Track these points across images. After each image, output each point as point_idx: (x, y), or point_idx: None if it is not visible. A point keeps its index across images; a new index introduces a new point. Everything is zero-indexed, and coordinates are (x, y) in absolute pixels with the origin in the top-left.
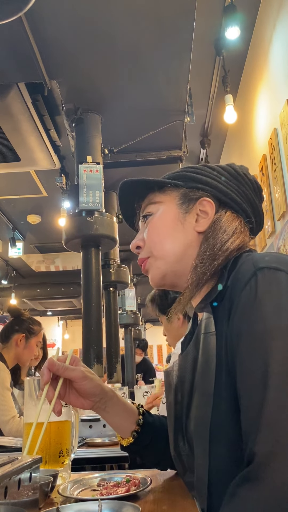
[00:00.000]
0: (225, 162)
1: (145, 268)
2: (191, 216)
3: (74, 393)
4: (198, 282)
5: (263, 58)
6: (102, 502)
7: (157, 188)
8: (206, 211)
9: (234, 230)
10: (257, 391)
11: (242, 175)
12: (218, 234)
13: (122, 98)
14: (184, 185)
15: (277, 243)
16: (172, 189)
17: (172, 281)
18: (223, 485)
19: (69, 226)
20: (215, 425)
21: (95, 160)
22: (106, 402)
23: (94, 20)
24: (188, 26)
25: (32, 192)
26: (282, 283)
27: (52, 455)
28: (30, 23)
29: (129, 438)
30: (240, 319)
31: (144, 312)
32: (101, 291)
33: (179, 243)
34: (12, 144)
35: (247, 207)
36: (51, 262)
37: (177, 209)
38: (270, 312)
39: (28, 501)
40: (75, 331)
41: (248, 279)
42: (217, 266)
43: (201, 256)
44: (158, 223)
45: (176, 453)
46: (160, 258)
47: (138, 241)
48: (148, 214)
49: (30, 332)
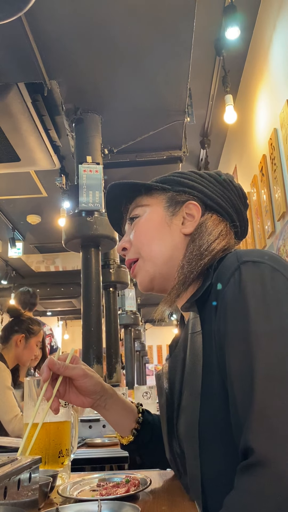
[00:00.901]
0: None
1: (134, 272)
2: (178, 218)
3: (74, 391)
4: (185, 280)
5: (263, 58)
6: (101, 503)
7: (145, 191)
8: (192, 214)
9: (220, 233)
10: (245, 385)
11: (228, 182)
12: (204, 235)
13: (122, 98)
14: (171, 189)
15: (277, 243)
16: (159, 193)
17: (160, 284)
18: (217, 484)
19: (69, 226)
20: (205, 424)
21: (95, 160)
22: (106, 400)
23: (94, 20)
24: (188, 26)
25: (32, 192)
26: (265, 275)
27: (52, 456)
28: (30, 23)
29: (129, 436)
30: (225, 314)
31: (144, 312)
32: (101, 291)
33: (166, 244)
34: (12, 144)
35: (232, 212)
36: (51, 262)
37: (164, 211)
38: (255, 306)
39: (27, 502)
40: (74, 331)
41: (232, 273)
42: (203, 265)
43: (188, 257)
44: (145, 225)
45: (172, 456)
46: (148, 260)
47: (124, 243)
48: (135, 216)
49: (30, 332)
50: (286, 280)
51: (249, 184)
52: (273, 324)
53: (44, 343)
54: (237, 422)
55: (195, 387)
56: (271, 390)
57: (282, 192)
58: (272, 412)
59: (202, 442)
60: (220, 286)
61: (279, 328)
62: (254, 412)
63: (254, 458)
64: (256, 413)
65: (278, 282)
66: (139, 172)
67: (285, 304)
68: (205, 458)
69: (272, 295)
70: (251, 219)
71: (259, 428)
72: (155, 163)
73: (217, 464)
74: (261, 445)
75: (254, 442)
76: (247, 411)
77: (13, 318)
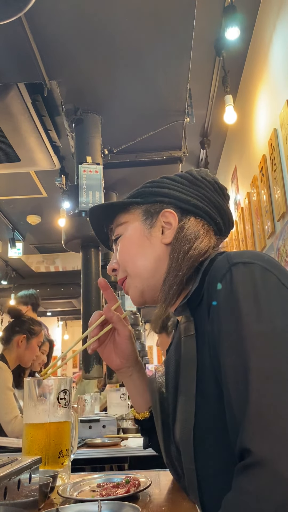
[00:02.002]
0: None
1: (125, 290)
2: (156, 229)
3: (111, 348)
4: (166, 296)
5: (263, 58)
6: (101, 503)
7: (121, 209)
8: (170, 222)
9: (197, 236)
10: (240, 386)
11: (200, 179)
12: (181, 243)
13: (122, 98)
14: (144, 201)
15: (277, 243)
16: (135, 208)
17: (151, 296)
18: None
19: (69, 227)
20: (200, 427)
21: (95, 160)
22: (133, 371)
23: (93, 20)
24: (188, 27)
25: (32, 193)
26: (256, 275)
27: (52, 456)
28: (30, 24)
29: (146, 412)
30: (218, 316)
31: (144, 313)
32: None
33: (149, 258)
34: (12, 145)
35: (211, 209)
36: (50, 263)
37: (141, 225)
38: (246, 307)
39: (27, 502)
40: (74, 332)
41: (223, 275)
42: (181, 276)
43: (168, 269)
44: (126, 243)
45: (169, 460)
46: (135, 276)
47: (113, 265)
48: (118, 236)
49: (31, 333)
50: (277, 280)
51: (249, 184)
52: (265, 324)
53: (52, 350)
54: (233, 423)
55: (190, 390)
56: (266, 390)
57: (282, 192)
58: (267, 412)
59: (198, 445)
60: (212, 288)
61: (271, 328)
62: (249, 413)
63: (251, 459)
64: (252, 414)
65: (269, 283)
66: (139, 172)
67: (277, 304)
68: (202, 461)
69: (264, 295)
70: (251, 219)
71: (255, 428)
72: (155, 163)
73: (214, 466)
74: (257, 445)
75: (251, 442)
76: (243, 412)
77: (13, 319)
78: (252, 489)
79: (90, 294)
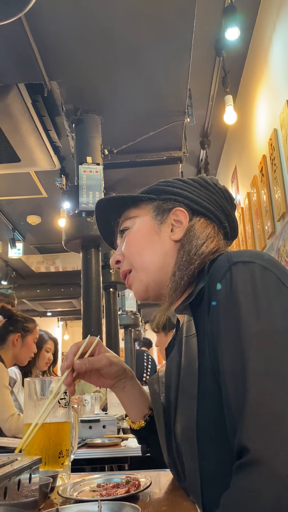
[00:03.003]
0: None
1: (129, 283)
2: (166, 226)
3: (96, 374)
4: (177, 287)
5: (263, 59)
6: (101, 503)
7: (131, 203)
8: (180, 220)
9: (208, 235)
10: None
11: (212, 185)
12: (192, 240)
13: (122, 99)
14: (157, 198)
15: (277, 243)
16: (146, 203)
17: (155, 292)
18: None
19: (69, 227)
20: (202, 426)
21: (95, 160)
22: (125, 382)
23: (94, 21)
24: (188, 27)
25: (32, 193)
26: (256, 274)
27: (52, 456)
28: (30, 24)
29: (141, 421)
30: (218, 315)
31: (144, 313)
32: (101, 291)
33: (157, 253)
34: (12, 145)
35: (220, 214)
36: (51, 263)
37: (152, 221)
38: (246, 306)
39: (27, 502)
40: (75, 332)
41: (223, 274)
42: (193, 269)
43: (178, 263)
44: (135, 236)
45: (171, 460)
46: (141, 270)
47: (117, 256)
48: (125, 228)
49: (25, 331)
50: (276, 279)
51: (249, 185)
52: (265, 323)
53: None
54: (232, 422)
55: (192, 390)
56: (264, 389)
57: (282, 192)
58: (265, 410)
59: (200, 444)
60: (212, 288)
61: (271, 327)
62: (247, 412)
63: (248, 457)
64: (249, 412)
65: (268, 282)
66: (139, 172)
67: (276, 303)
68: (203, 460)
69: (263, 294)
70: (251, 219)
71: (252, 427)
72: (155, 163)
73: (215, 465)
74: (255, 444)
75: (248, 441)
76: (241, 411)
77: (6, 318)
78: (249, 487)
79: (90, 294)
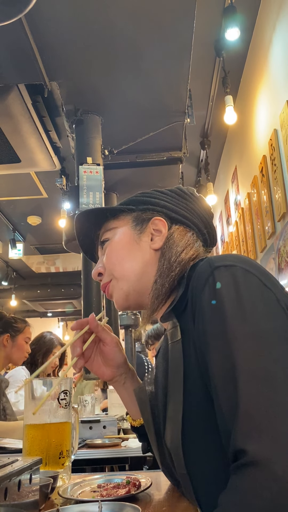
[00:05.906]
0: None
1: (109, 293)
2: (146, 235)
3: (99, 361)
4: (158, 294)
5: (263, 59)
6: (102, 504)
7: (111, 215)
8: (159, 229)
9: (187, 243)
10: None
11: (189, 194)
12: (172, 247)
13: (122, 99)
14: (136, 208)
15: (277, 244)
16: (125, 214)
17: (136, 300)
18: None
19: (69, 227)
20: (189, 432)
21: (95, 161)
22: (126, 378)
23: (94, 21)
24: (188, 27)
25: (32, 193)
26: (238, 278)
27: (52, 457)
28: (30, 25)
29: (142, 419)
30: (203, 320)
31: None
32: (101, 292)
33: (137, 261)
34: (12, 145)
35: (198, 221)
36: (51, 263)
37: (131, 230)
38: (231, 309)
39: (28, 503)
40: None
41: (206, 279)
42: (174, 276)
43: (159, 270)
44: (115, 246)
45: (165, 467)
46: (121, 278)
47: (99, 268)
48: (105, 240)
49: (15, 330)
50: (259, 281)
51: (249, 185)
52: (250, 325)
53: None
54: (224, 425)
55: (177, 397)
56: (255, 390)
57: (282, 192)
58: (258, 412)
59: (188, 449)
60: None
61: (256, 329)
62: (240, 414)
63: (245, 459)
64: (243, 415)
65: (251, 284)
66: (140, 173)
67: (260, 304)
68: (193, 465)
69: (247, 297)
70: (251, 219)
71: (247, 429)
72: (155, 164)
73: (206, 469)
74: (251, 446)
75: (244, 443)
76: (234, 414)
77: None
78: (247, 487)
79: (90, 295)
